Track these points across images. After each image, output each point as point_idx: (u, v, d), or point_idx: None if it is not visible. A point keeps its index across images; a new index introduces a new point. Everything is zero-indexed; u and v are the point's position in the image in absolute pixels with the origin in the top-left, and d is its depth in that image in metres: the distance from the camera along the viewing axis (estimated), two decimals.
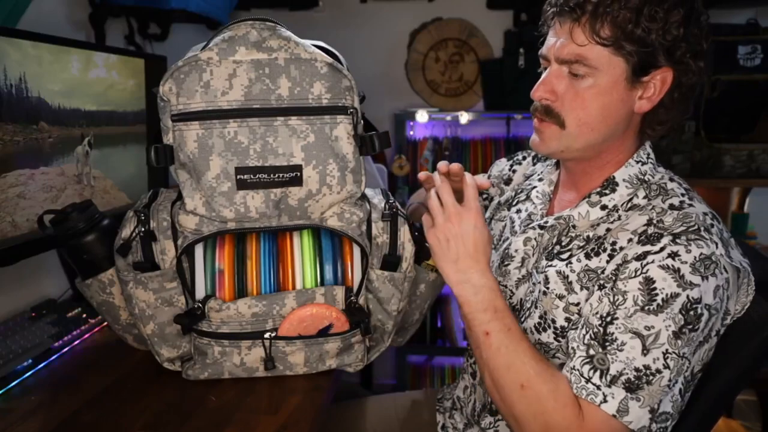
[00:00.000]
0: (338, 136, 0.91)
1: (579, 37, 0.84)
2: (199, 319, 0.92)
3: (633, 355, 0.77)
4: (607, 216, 0.90)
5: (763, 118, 2.16)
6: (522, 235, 0.99)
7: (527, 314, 0.94)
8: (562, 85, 0.87)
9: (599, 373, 0.79)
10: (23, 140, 1.07)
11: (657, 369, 0.77)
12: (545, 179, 1.05)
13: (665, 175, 0.92)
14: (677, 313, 0.77)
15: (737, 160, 2.12)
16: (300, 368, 0.96)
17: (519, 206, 1.08)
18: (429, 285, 1.07)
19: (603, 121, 0.87)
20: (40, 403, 0.92)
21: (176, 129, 0.89)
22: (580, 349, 0.82)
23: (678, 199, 0.86)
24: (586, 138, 0.88)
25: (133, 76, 1.38)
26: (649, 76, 0.84)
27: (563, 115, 0.88)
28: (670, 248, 0.79)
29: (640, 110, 0.87)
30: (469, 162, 2.46)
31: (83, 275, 0.98)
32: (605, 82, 0.84)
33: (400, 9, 2.54)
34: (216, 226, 0.92)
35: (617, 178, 0.91)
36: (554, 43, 0.87)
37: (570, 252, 0.90)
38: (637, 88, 0.85)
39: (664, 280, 0.78)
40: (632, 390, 0.77)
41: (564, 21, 0.86)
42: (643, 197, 0.89)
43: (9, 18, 1.24)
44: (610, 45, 0.82)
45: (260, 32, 0.89)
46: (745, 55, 2.07)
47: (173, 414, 0.88)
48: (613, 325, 0.79)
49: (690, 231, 0.80)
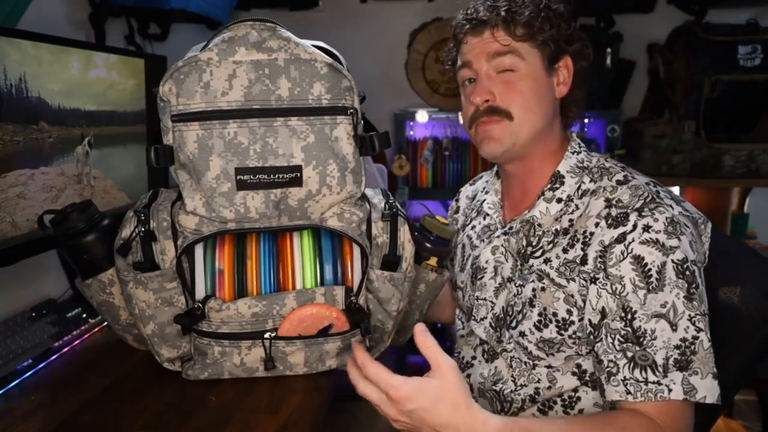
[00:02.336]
0: (338, 137, 0.91)
1: (501, 36, 0.96)
2: (199, 319, 0.92)
3: (666, 335, 0.81)
4: (565, 206, 0.97)
5: (763, 118, 2.16)
6: (489, 246, 1.03)
7: (521, 317, 0.95)
8: (496, 84, 0.97)
9: (649, 369, 0.81)
10: (23, 140, 1.07)
11: (693, 336, 0.80)
12: (490, 190, 1.11)
13: (600, 158, 1.01)
14: (676, 279, 0.82)
15: (737, 160, 2.12)
16: (300, 368, 0.96)
17: (473, 223, 1.13)
18: (429, 285, 1.07)
19: (539, 103, 0.97)
20: (40, 403, 0.92)
21: (176, 129, 0.89)
22: (619, 357, 0.83)
23: (621, 174, 0.95)
24: (531, 123, 0.96)
25: (133, 76, 1.38)
26: (560, 63, 0.98)
27: (508, 107, 0.96)
28: (641, 222, 0.86)
29: (560, 95, 1.00)
30: (468, 162, 2.47)
31: (83, 275, 0.98)
32: (531, 70, 0.96)
33: (400, 9, 2.54)
34: (216, 226, 0.92)
35: (561, 171, 0.99)
36: (478, 46, 0.98)
37: (542, 249, 0.96)
38: (554, 76, 0.99)
39: (650, 254, 0.83)
40: (685, 367, 0.80)
41: (481, 31, 0.97)
42: (589, 181, 0.97)
43: (9, 18, 1.24)
44: (527, 41, 0.96)
45: (260, 33, 0.89)
46: (745, 55, 2.08)
47: (173, 414, 0.88)
48: (636, 319, 0.82)
49: (648, 201, 0.88)
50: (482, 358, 1.02)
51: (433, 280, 1.06)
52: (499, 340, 0.98)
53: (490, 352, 1.01)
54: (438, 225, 1.05)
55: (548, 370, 0.95)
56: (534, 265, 0.95)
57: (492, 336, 1.00)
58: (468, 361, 1.05)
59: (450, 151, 2.47)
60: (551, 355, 0.93)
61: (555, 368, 0.94)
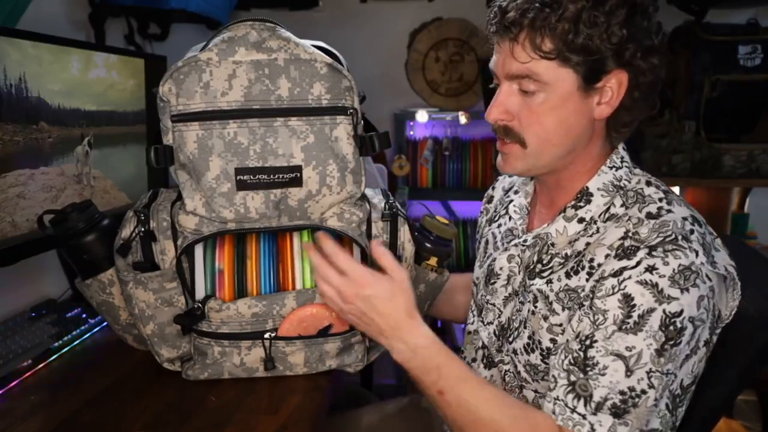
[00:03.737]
0: (338, 137, 0.91)
1: (520, 55, 0.80)
2: (199, 320, 0.92)
3: (617, 378, 0.74)
4: (585, 230, 0.86)
5: (763, 118, 2.16)
6: (505, 253, 0.95)
7: (516, 334, 0.91)
8: (514, 103, 0.84)
9: (583, 400, 0.76)
10: (23, 140, 1.07)
11: (642, 390, 0.74)
12: (521, 191, 1.01)
13: (642, 179, 0.87)
14: (657, 330, 0.74)
15: (737, 160, 2.12)
16: (300, 368, 0.96)
17: (500, 221, 1.05)
18: (429, 285, 1.07)
19: (563, 134, 0.83)
20: (40, 403, 0.92)
21: (176, 129, 0.89)
22: (561, 377, 0.79)
23: (656, 205, 0.82)
24: (549, 154, 0.85)
25: (133, 76, 1.38)
26: (602, 82, 0.80)
27: (522, 134, 0.84)
28: (647, 262, 0.75)
29: (600, 116, 0.83)
30: (468, 162, 2.46)
31: (83, 275, 0.98)
32: (557, 95, 0.81)
33: (400, 9, 2.54)
34: (216, 226, 0.92)
35: (591, 188, 0.87)
36: (499, 60, 0.84)
37: (551, 269, 0.87)
38: (593, 95, 0.81)
39: (642, 296, 0.74)
40: (619, 415, 0.74)
41: (503, 40, 0.82)
42: (620, 205, 0.84)
43: (9, 18, 1.24)
44: (555, 58, 0.78)
45: (260, 33, 0.89)
46: (745, 55, 2.07)
47: (173, 414, 0.88)
48: (593, 348, 0.76)
49: (667, 242, 0.76)
50: (481, 362, 1.01)
51: (433, 280, 1.06)
52: (498, 349, 0.96)
53: (489, 358, 0.99)
54: (438, 225, 1.05)
55: (535, 395, 0.90)
56: (534, 285, 0.88)
57: (494, 343, 0.97)
58: (468, 361, 1.05)
59: (450, 151, 2.47)
60: (536, 381, 0.89)
61: (541, 395, 0.89)
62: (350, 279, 0.82)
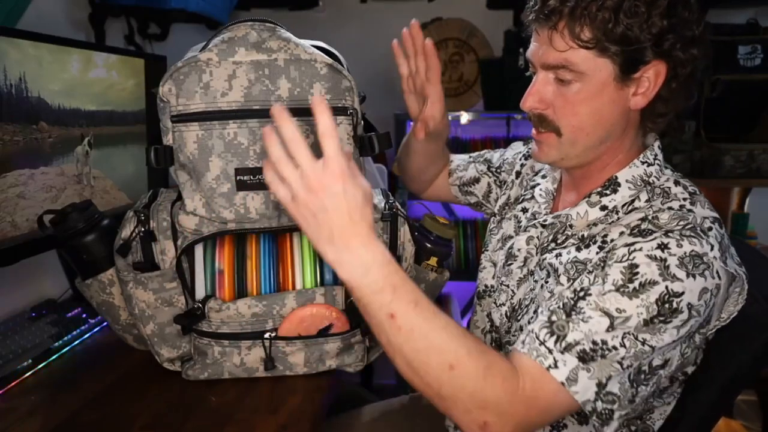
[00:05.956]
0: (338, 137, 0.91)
1: (559, 43, 0.80)
2: (199, 320, 0.92)
3: (596, 329, 0.73)
4: (605, 217, 0.86)
5: (763, 118, 2.16)
6: (524, 234, 0.96)
7: (524, 312, 0.92)
8: (550, 92, 0.84)
9: (555, 338, 0.74)
10: (23, 140, 1.07)
11: (614, 346, 0.73)
12: (548, 176, 1.02)
13: (671, 178, 0.87)
14: (653, 302, 0.73)
15: (737, 160, 2.12)
16: (300, 368, 0.96)
17: (525, 204, 1.04)
18: (429, 285, 1.07)
19: (597, 124, 0.84)
20: (40, 403, 0.92)
21: (176, 130, 0.89)
22: (543, 314, 0.78)
23: (678, 203, 0.82)
24: (583, 143, 0.85)
25: (133, 76, 1.38)
26: (639, 72, 0.80)
27: (557, 123, 0.85)
28: (660, 239, 0.75)
29: (636, 107, 0.83)
30: None
31: (83, 275, 0.98)
32: (593, 85, 0.81)
33: (400, 9, 2.54)
34: (216, 226, 0.92)
35: (620, 178, 0.87)
36: (536, 49, 0.85)
37: (564, 247, 0.88)
38: (630, 86, 0.82)
39: (647, 267, 0.74)
40: (585, 360, 0.73)
41: (542, 28, 0.82)
42: (644, 201, 0.85)
43: (9, 18, 1.24)
44: (593, 47, 0.79)
45: (260, 33, 0.89)
46: (745, 55, 2.07)
47: (173, 414, 0.88)
48: (585, 300, 0.76)
49: (686, 228, 0.77)
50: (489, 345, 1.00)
51: (433, 280, 1.06)
52: (507, 330, 0.97)
53: (498, 341, 0.99)
54: (438, 225, 1.05)
55: None
56: (546, 260, 0.89)
57: (504, 324, 0.97)
58: None
59: (450, 151, 2.47)
60: None
61: None
62: (305, 175, 0.70)
